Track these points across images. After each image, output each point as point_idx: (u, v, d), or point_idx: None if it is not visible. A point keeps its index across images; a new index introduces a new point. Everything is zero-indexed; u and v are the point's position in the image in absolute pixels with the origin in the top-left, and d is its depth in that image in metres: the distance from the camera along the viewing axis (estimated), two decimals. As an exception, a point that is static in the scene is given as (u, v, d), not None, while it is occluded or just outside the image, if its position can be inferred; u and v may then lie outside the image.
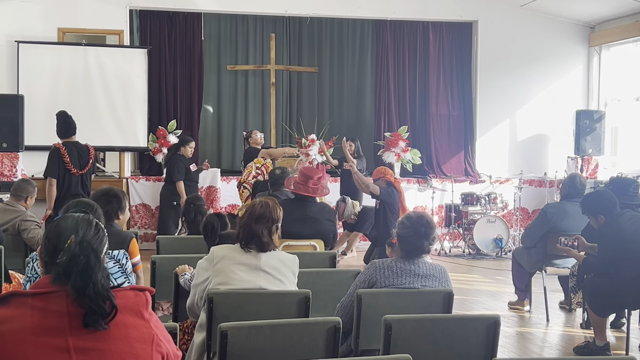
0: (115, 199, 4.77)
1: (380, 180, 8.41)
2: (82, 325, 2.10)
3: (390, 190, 8.37)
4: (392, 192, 8.37)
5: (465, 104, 12.85)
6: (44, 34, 11.13)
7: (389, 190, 8.39)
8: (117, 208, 4.77)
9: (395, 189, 8.43)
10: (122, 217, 4.84)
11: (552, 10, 12.47)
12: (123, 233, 4.76)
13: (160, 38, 11.92)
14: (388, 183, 8.43)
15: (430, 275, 4.09)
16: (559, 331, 6.78)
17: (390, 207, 8.30)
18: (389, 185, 8.44)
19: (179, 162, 10.05)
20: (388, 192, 8.35)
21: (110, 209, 4.69)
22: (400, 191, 8.49)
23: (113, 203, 4.74)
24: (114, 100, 11.33)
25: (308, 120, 12.90)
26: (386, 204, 8.33)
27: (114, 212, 4.75)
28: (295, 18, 12.75)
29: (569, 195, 7.14)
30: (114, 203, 4.75)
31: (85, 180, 8.03)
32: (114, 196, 4.77)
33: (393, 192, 8.37)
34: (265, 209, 3.98)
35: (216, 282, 3.85)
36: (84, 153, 8.02)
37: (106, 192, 4.80)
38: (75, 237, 2.20)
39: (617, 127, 12.66)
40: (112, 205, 4.73)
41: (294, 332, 3.42)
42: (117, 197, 4.79)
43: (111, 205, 4.72)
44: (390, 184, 8.42)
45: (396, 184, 8.53)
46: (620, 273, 5.59)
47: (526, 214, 12.07)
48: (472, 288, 8.63)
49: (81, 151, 8.01)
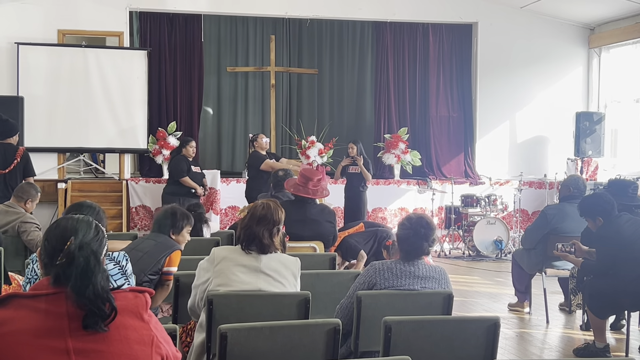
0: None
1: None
2: (81, 327, 2.09)
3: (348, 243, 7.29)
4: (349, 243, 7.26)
5: (465, 105, 12.86)
6: (44, 36, 11.15)
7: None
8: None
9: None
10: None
11: (551, 12, 12.47)
12: (171, 242, 4.98)
13: (160, 40, 11.92)
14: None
15: (429, 276, 4.09)
16: (558, 333, 6.78)
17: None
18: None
19: (181, 162, 10.07)
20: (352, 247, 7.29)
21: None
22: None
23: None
24: (114, 102, 11.34)
25: (308, 122, 12.90)
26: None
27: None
28: (295, 20, 12.75)
29: (568, 197, 7.13)
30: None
31: (9, 180, 8.13)
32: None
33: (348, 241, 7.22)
34: (267, 211, 3.96)
35: (216, 283, 3.85)
36: (9, 153, 8.14)
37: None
38: (75, 238, 2.20)
39: (616, 128, 12.67)
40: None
41: (293, 333, 3.42)
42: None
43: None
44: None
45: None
46: (619, 275, 5.59)
47: (526, 215, 12.07)
48: (472, 290, 8.63)
49: (8, 151, 8.13)
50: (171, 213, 5.06)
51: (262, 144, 10.01)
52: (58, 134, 11.08)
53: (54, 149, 11.15)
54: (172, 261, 4.77)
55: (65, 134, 11.13)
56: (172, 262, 4.76)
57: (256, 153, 9.90)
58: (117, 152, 11.54)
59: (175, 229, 5.00)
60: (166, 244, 4.86)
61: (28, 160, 8.41)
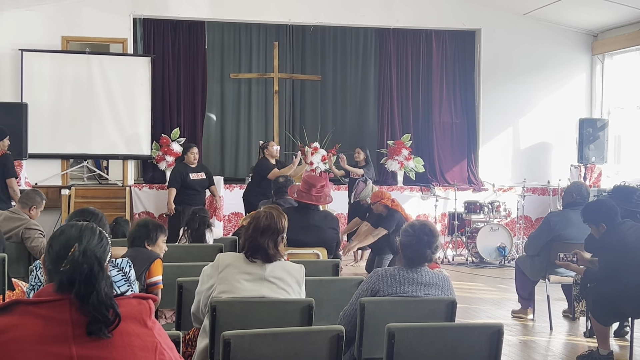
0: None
1: (378, 204, 8.22)
2: (85, 334, 2.09)
3: (391, 216, 8.16)
4: (393, 217, 8.16)
5: (468, 112, 12.87)
6: (47, 42, 11.18)
7: (390, 217, 8.17)
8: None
9: (395, 211, 8.21)
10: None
11: (554, 18, 12.48)
12: (147, 253, 4.90)
13: (164, 46, 11.95)
14: (386, 207, 8.21)
15: (433, 283, 4.09)
16: (562, 340, 6.76)
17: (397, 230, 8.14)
18: (387, 208, 8.20)
19: (175, 170, 10.09)
20: (390, 220, 8.15)
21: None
22: (400, 210, 8.27)
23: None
24: (118, 109, 11.36)
25: (311, 128, 12.90)
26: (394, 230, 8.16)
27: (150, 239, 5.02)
28: (298, 26, 12.77)
29: (572, 203, 7.13)
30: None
31: None
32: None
33: (394, 216, 8.16)
34: (270, 221, 3.94)
35: (220, 290, 3.84)
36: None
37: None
38: (79, 245, 2.20)
39: (620, 135, 12.67)
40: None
41: (297, 340, 3.42)
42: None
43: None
44: (387, 207, 8.20)
45: (394, 206, 8.24)
46: (622, 281, 5.58)
47: (529, 222, 12.06)
48: (475, 296, 8.62)
49: None
50: (143, 225, 5.05)
51: (272, 152, 9.96)
52: (62, 141, 11.10)
53: (57, 155, 11.18)
54: (153, 272, 4.72)
55: (69, 140, 11.16)
56: (153, 273, 4.72)
57: (265, 161, 9.85)
58: (120, 158, 11.56)
59: (149, 240, 4.97)
60: (142, 257, 4.77)
61: (6, 163, 8.46)
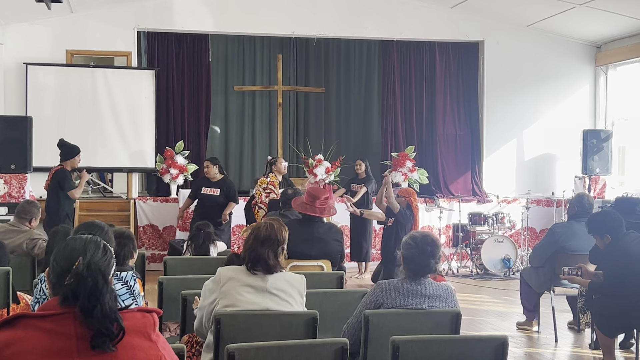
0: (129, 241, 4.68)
1: (403, 200, 8.54)
2: (90, 347, 2.10)
3: (407, 213, 8.52)
4: (408, 216, 8.51)
5: (472, 123, 12.88)
6: (52, 56, 11.23)
7: (407, 212, 8.60)
8: (131, 249, 4.69)
9: (412, 214, 8.57)
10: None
11: (558, 30, 12.50)
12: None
13: (168, 59, 12.00)
14: (408, 205, 8.63)
15: (437, 295, 4.08)
16: (567, 352, 6.74)
17: (402, 228, 8.37)
18: (408, 207, 8.64)
19: (192, 182, 10.07)
20: (406, 214, 8.49)
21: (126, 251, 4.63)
22: (416, 219, 8.59)
23: (128, 245, 4.66)
24: (122, 122, 11.39)
25: (315, 141, 12.92)
26: (400, 224, 8.39)
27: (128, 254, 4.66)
28: (302, 39, 12.80)
29: (576, 214, 7.11)
30: (129, 245, 4.66)
31: None
32: (128, 238, 4.69)
33: (409, 216, 8.51)
34: (271, 232, 3.95)
35: (223, 304, 3.83)
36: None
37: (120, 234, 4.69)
38: (83, 259, 2.21)
39: (624, 146, 12.66)
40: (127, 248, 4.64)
41: (301, 353, 3.41)
42: (130, 239, 4.71)
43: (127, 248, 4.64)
44: (409, 207, 8.57)
45: (415, 210, 8.65)
46: (627, 293, 5.57)
47: (534, 233, 12.04)
48: (480, 308, 8.59)
49: None
50: (117, 244, 4.53)
51: (280, 169, 9.81)
52: (66, 154, 11.12)
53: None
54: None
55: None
56: None
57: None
58: (125, 171, 11.58)
59: (128, 255, 4.68)
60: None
61: (64, 177, 9.00)
